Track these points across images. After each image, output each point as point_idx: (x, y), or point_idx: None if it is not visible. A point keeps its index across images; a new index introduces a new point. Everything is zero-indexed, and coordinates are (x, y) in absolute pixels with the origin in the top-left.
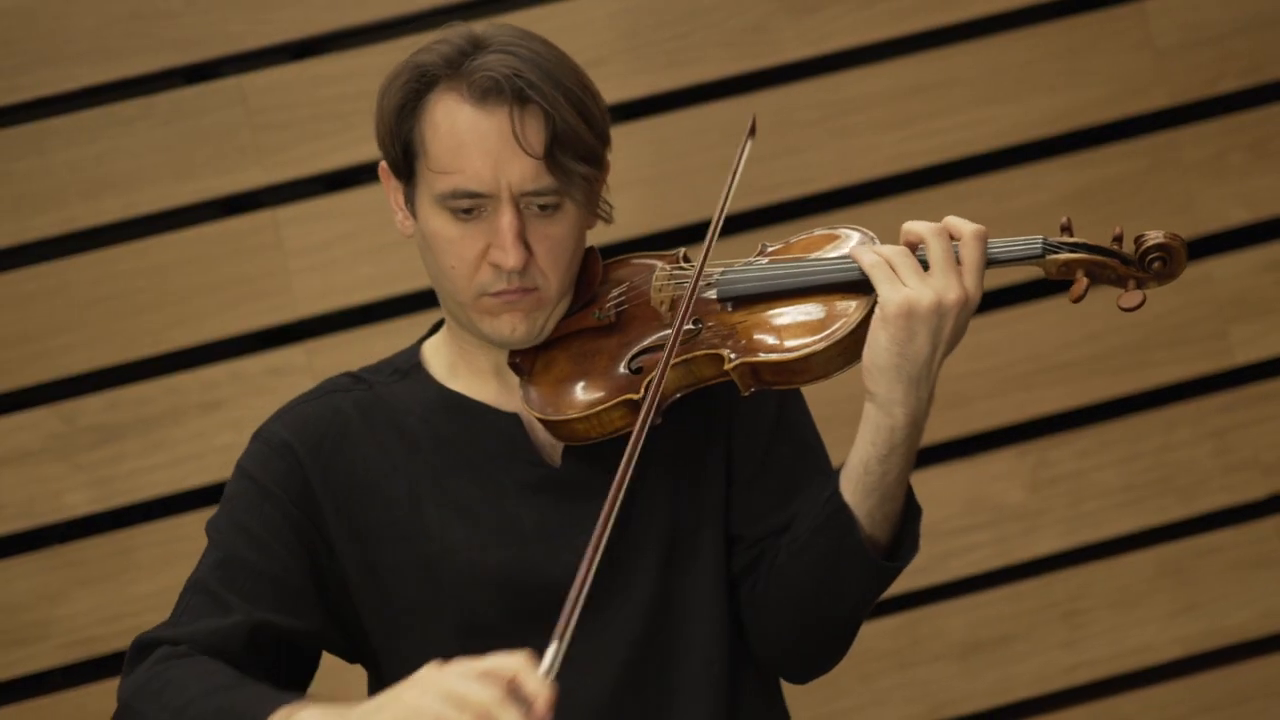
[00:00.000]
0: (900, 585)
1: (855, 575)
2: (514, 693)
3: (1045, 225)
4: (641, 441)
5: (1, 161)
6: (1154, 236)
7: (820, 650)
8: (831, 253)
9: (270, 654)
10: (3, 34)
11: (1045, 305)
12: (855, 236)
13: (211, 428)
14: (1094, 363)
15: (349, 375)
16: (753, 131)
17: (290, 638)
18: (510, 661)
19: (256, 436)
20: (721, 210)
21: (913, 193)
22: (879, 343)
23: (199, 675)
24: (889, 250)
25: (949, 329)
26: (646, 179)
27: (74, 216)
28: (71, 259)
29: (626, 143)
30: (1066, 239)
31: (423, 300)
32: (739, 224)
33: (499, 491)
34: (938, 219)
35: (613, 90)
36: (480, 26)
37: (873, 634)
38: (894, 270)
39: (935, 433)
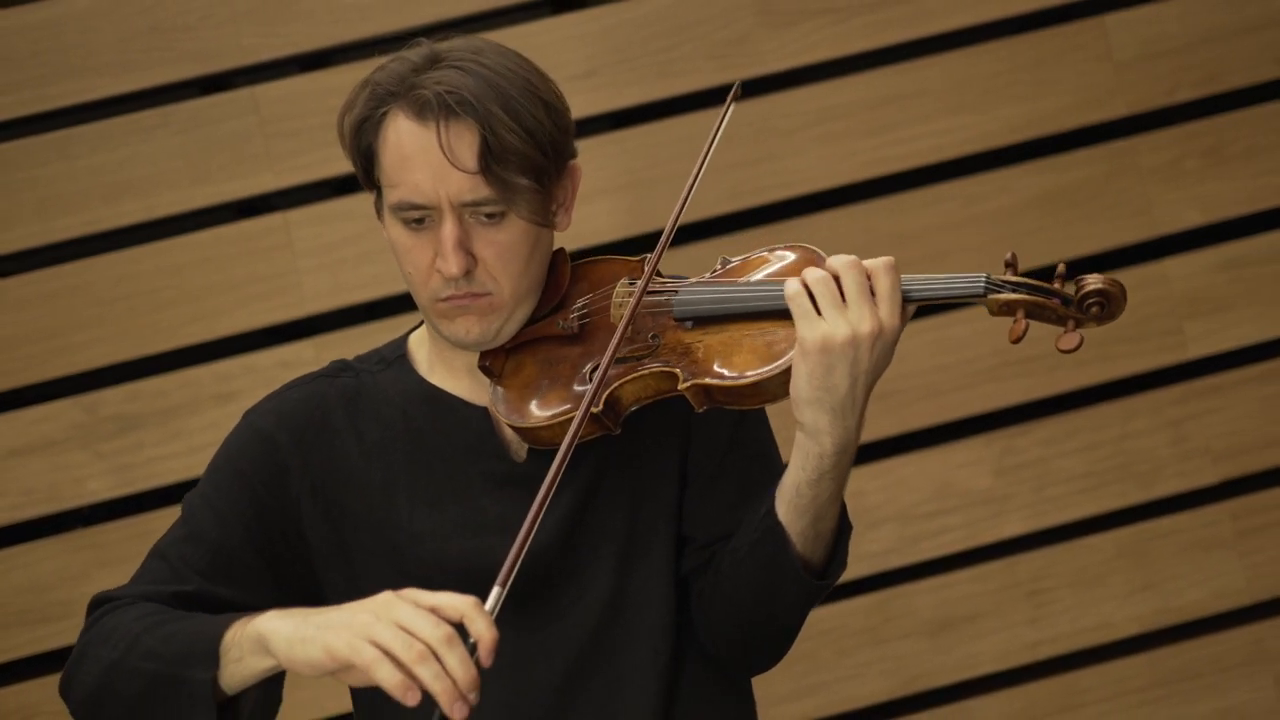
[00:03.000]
0: (874, 566)
1: (787, 590)
2: (459, 631)
3: (1011, 227)
4: (572, 448)
5: (28, 167)
6: (1094, 282)
7: (757, 652)
8: (771, 270)
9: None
10: (31, 47)
11: None
12: (802, 257)
13: (226, 418)
14: (1057, 356)
15: (341, 362)
16: (736, 96)
17: (236, 605)
18: (459, 601)
19: (245, 415)
20: (690, 190)
21: (888, 196)
22: (800, 376)
23: (147, 614)
24: (814, 279)
25: (866, 361)
26: (637, 184)
27: (96, 219)
28: (94, 259)
29: (618, 149)
30: (1009, 278)
31: None
32: (717, 228)
33: (466, 483)
34: (911, 223)
35: (605, 100)
36: (443, 42)
37: (848, 612)
38: (813, 302)
39: (907, 422)
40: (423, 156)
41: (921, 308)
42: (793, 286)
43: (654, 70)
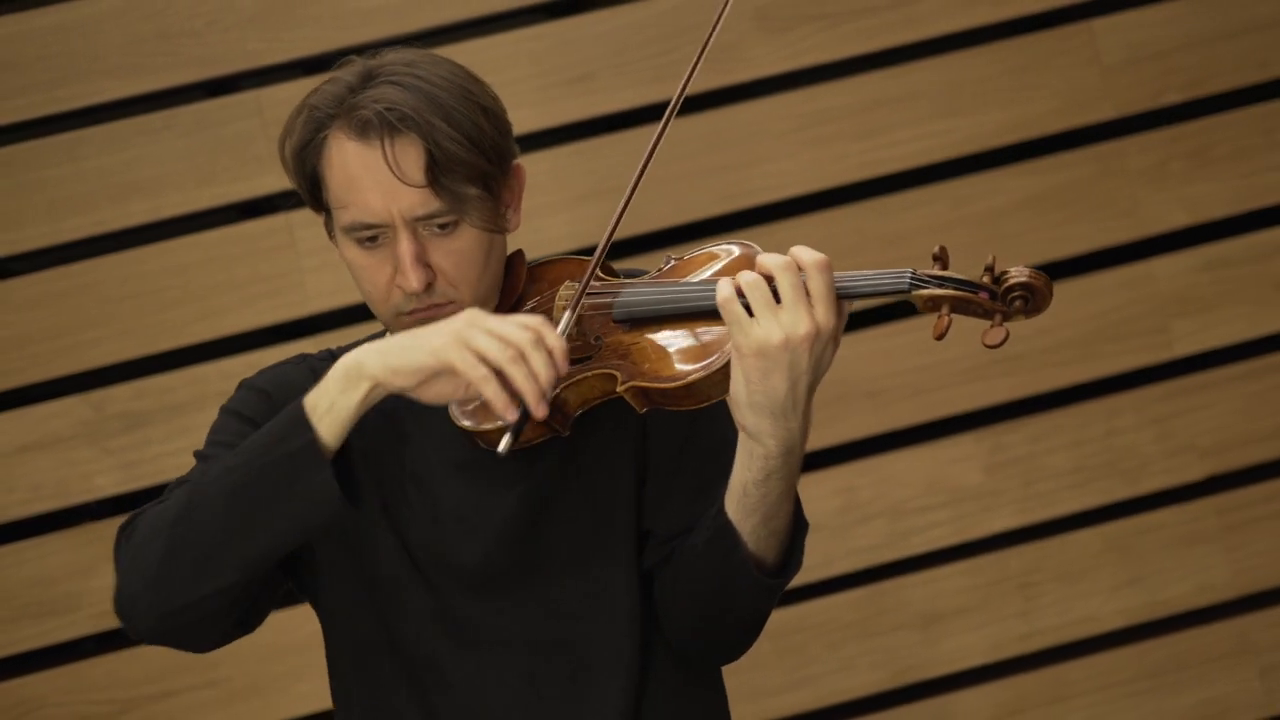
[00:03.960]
0: (864, 560)
1: (741, 588)
2: (540, 340)
3: (1000, 229)
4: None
5: (37, 168)
6: (1016, 275)
7: (717, 647)
8: (714, 269)
9: None
10: (40, 51)
11: None
12: (738, 251)
13: None
14: (1044, 355)
15: (327, 351)
16: None
17: None
18: (535, 319)
19: (241, 385)
20: (659, 135)
21: (878, 198)
22: (737, 380)
23: (193, 476)
24: (746, 282)
25: (805, 362)
26: (627, 187)
27: (104, 219)
28: (101, 259)
29: (613, 152)
30: (934, 273)
31: None
32: (710, 229)
33: (426, 468)
34: (900, 224)
35: (601, 103)
36: (376, 58)
37: (839, 605)
38: (748, 304)
39: (897, 419)
40: (370, 176)
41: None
42: (724, 291)
43: (650, 74)
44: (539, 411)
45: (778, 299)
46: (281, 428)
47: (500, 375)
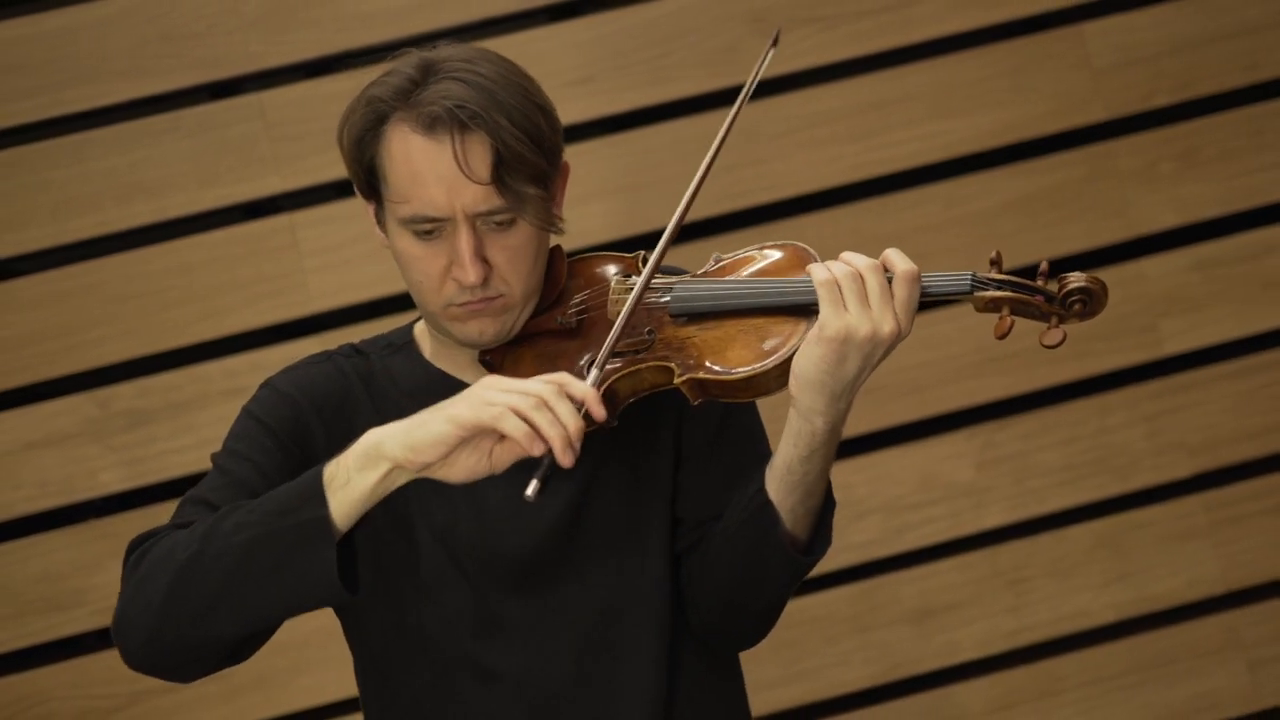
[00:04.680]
0: (859, 556)
1: (775, 566)
2: (562, 391)
3: (993, 229)
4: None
5: (43, 169)
6: (1077, 279)
7: (741, 629)
8: (773, 269)
9: None
10: (46, 54)
11: None
12: (794, 254)
13: (234, 413)
14: (1036, 353)
15: (351, 346)
16: (775, 42)
17: None
18: (560, 374)
19: (264, 385)
20: (709, 162)
21: (872, 199)
22: (811, 358)
23: (210, 518)
24: (840, 272)
25: (877, 358)
26: (629, 187)
27: (108, 220)
28: (106, 259)
29: (611, 153)
30: (994, 276)
31: None
32: (709, 229)
33: None
34: (895, 224)
35: (599, 105)
36: (433, 51)
37: (834, 600)
38: (841, 294)
39: (891, 417)
40: (435, 171)
41: None
42: (822, 274)
43: (648, 77)
44: (565, 459)
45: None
46: (297, 494)
47: (528, 424)
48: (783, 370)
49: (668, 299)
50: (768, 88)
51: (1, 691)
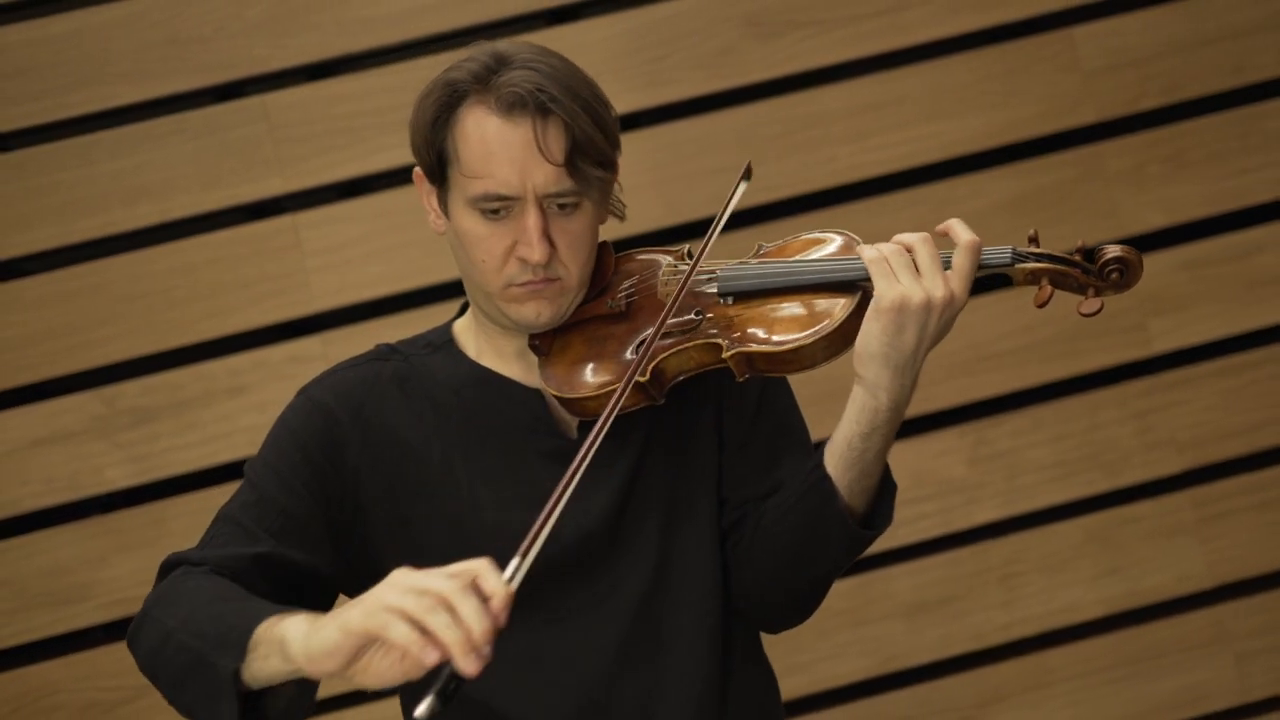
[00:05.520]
0: None
1: (833, 539)
2: (474, 588)
3: (985, 228)
4: (614, 413)
5: (50, 171)
6: (1113, 250)
7: (793, 605)
8: (818, 254)
9: (285, 582)
10: (52, 57)
11: (984, 300)
12: (839, 240)
13: (237, 410)
14: (1027, 351)
15: (388, 346)
16: (747, 175)
17: (305, 570)
18: (473, 565)
19: (302, 393)
20: (718, 223)
21: (866, 199)
22: (871, 332)
23: (208, 588)
24: (888, 249)
25: (934, 325)
26: (628, 187)
27: (114, 221)
28: (111, 259)
29: None
30: (1034, 249)
31: (427, 296)
32: (706, 229)
33: (521, 459)
34: (889, 224)
35: None
36: (504, 45)
37: (830, 595)
38: (890, 268)
39: None
40: (510, 151)
41: None
42: (872, 253)
43: (645, 79)
44: (466, 666)
45: (919, 269)
46: (232, 635)
47: (422, 629)
48: (829, 342)
49: (715, 282)
50: (763, 90)
51: (9, 684)
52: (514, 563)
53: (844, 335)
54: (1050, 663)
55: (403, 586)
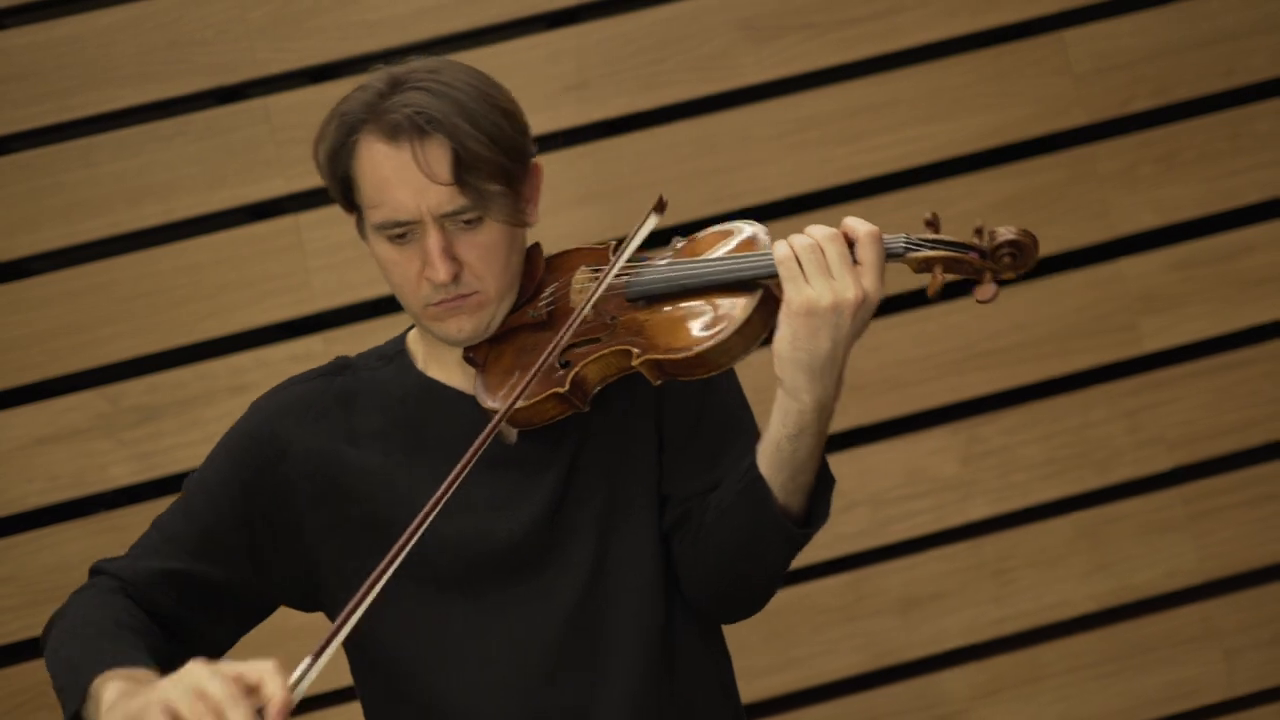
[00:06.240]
0: (847, 547)
1: (771, 539)
2: (253, 693)
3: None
4: (487, 439)
5: (54, 173)
6: (1005, 233)
7: (739, 600)
8: (726, 248)
9: (193, 597)
10: (56, 60)
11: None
12: (748, 232)
13: (240, 408)
14: (1019, 350)
15: (343, 359)
16: (659, 209)
17: (220, 585)
18: (261, 667)
19: (251, 405)
20: (623, 253)
21: (860, 201)
22: (784, 337)
23: (94, 619)
24: (800, 245)
25: (848, 325)
26: (626, 189)
27: (118, 221)
28: (116, 259)
29: (607, 157)
30: (926, 236)
31: None
32: (703, 229)
33: (452, 465)
34: (884, 225)
35: (594, 110)
36: (401, 67)
37: (823, 590)
38: (801, 268)
39: (879, 412)
40: (400, 176)
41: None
42: (782, 251)
43: (641, 82)
44: None
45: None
46: (81, 677)
47: None
48: (733, 344)
49: (626, 285)
50: (757, 92)
51: (16, 679)
52: (304, 663)
53: (747, 335)
54: (1042, 657)
55: (184, 687)
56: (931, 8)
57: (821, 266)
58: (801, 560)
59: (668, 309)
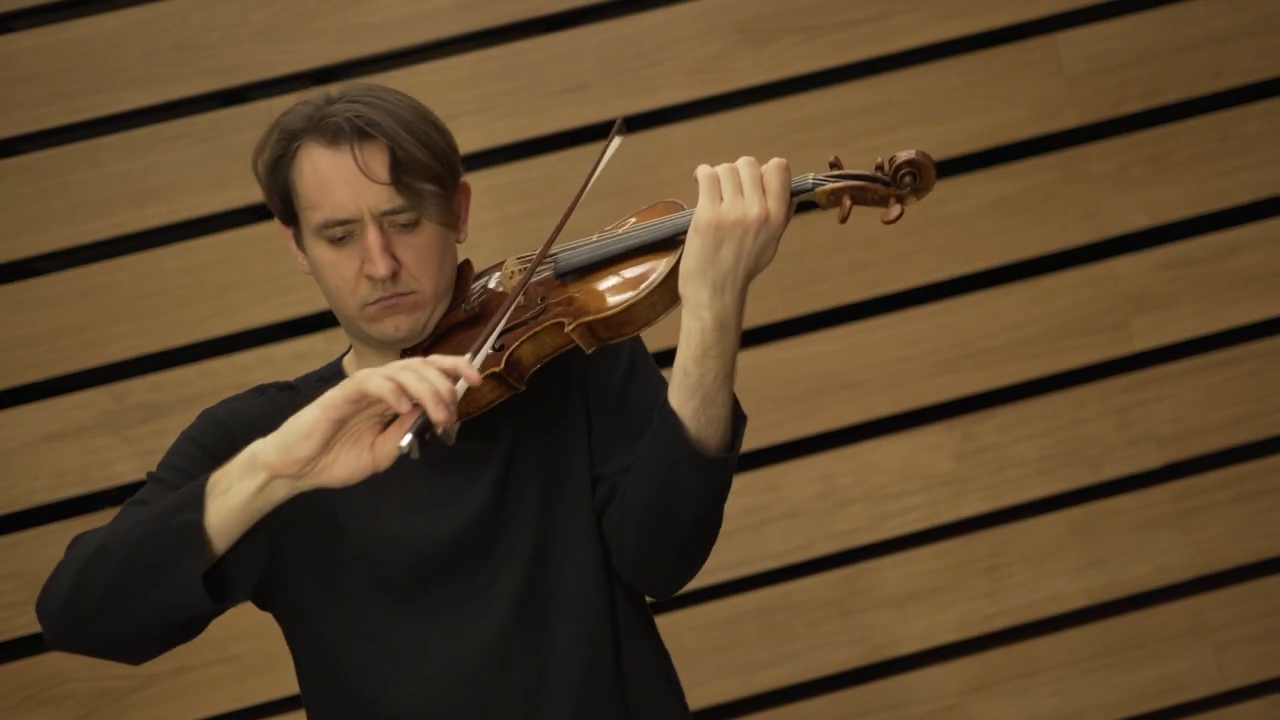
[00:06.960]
0: (843, 543)
1: (688, 472)
2: (430, 362)
3: (970, 230)
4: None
5: (60, 174)
6: (904, 155)
7: (678, 556)
8: (648, 221)
9: None
10: (62, 63)
11: (971, 299)
12: (663, 204)
13: None
14: (1013, 349)
15: (282, 383)
16: (621, 130)
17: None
18: (433, 357)
19: (202, 414)
20: (578, 197)
21: None
22: (690, 251)
23: (133, 512)
24: (720, 167)
25: (750, 243)
26: (624, 189)
27: (123, 222)
28: (121, 259)
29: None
30: (833, 173)
31: None
32: None
33: (401, 469)
34: (875, 225)
35: (594, 112)
36: (335, 87)
37: (819, 585)
38: (717, 184)
39: (874, 409)
40: (341, 176)
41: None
42: (704, 170)
43: (639, 85)
44: (436, 413)
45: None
46: (183, 497)
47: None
48: (658, 296)
49: (555, 263)
50: (752, 95)
51: (23, 673)
52: (479, 357)
53: (671, 286)
54: (1034, 652)
55: (369, 369)
56: (925, 11)
57: (735, 185)
58: (798, 556)
59: (594, 278)
